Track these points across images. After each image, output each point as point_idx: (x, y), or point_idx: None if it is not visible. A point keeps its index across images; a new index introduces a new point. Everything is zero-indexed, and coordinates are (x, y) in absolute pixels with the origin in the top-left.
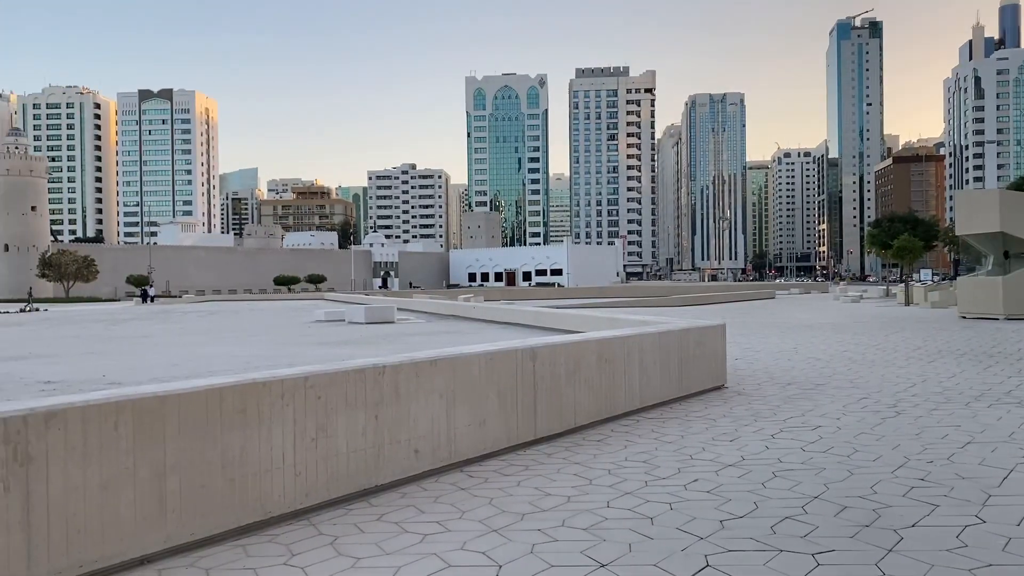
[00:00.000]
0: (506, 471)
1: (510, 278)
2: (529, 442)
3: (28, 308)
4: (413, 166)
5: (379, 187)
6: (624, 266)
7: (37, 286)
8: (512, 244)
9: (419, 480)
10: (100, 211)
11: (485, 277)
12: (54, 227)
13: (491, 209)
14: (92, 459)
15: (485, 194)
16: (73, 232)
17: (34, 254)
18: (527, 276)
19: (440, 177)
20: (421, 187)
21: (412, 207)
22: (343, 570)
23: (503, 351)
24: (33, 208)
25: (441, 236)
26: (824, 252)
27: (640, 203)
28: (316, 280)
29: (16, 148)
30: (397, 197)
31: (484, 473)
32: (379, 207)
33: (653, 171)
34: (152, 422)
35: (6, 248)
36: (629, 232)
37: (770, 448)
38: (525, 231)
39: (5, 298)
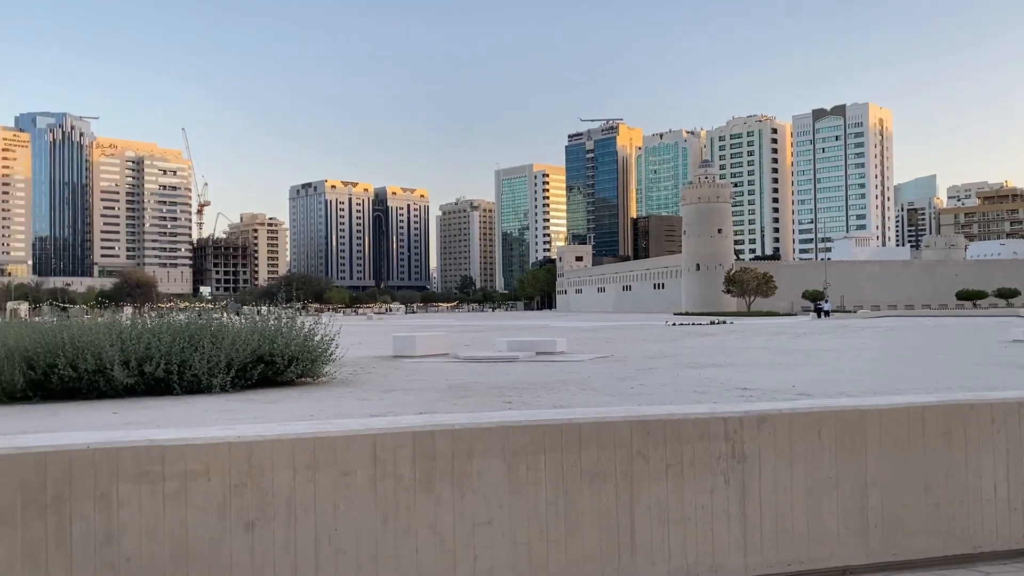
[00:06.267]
0: None
1: None
2: None
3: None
4: None
5: None
6: None
7: (722, 301)
8: None
9: None
10: (776, 229)
11: None
12: (736, 247)
13: None
14: (798, 463)
15: None
16: (752, 251)
17: (720, 272)
18: None
19: None
20: None
21: None
22: None
23: None
24: (719, 230)
25: None
26: None
27: None
28: (1008, 295)
29: (706, 178)
30: None
31: None
32: None
33: None
34: (853, 435)
35: (697, 267)
36: None
37: None
38: None
39: (699, 311)
